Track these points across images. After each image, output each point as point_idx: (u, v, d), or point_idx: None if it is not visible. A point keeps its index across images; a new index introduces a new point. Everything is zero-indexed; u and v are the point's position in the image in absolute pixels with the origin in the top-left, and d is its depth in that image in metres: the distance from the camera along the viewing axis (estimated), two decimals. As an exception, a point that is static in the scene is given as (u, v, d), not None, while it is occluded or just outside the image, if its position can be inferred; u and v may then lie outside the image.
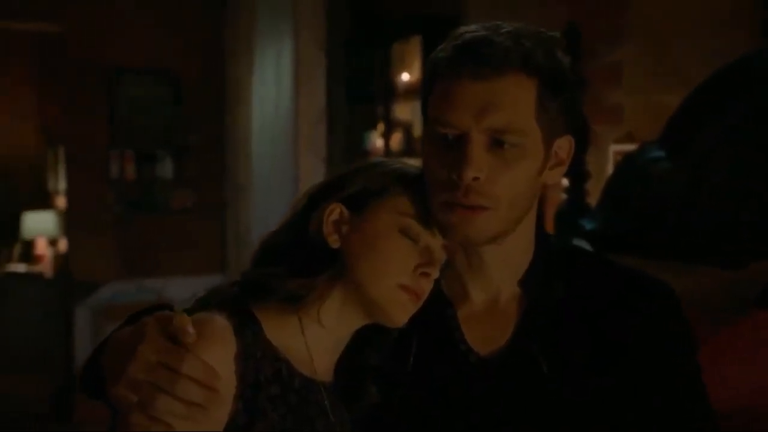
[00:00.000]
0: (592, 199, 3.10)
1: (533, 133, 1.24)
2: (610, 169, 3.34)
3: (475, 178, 1.21)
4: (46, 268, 6.97)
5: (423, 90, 1.31)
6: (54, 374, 6.13)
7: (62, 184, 6.86)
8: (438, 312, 1.34)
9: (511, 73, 1.21)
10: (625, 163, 2.90)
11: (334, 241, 1.27)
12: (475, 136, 1.22)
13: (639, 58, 3.41)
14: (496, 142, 1.22)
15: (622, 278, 1.33)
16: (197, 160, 6.25)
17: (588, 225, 2.90)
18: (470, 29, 1.25)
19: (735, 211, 2.44)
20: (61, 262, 6.73)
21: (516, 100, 1.22)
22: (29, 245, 7.18)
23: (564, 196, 3.12)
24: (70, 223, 6.25)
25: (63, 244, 6.81)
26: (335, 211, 1.29)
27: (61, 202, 7.03)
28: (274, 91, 5.63)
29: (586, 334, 1.28)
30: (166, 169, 6.19)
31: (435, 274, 1.29)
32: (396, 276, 1.25)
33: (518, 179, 1.24)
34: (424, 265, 1.26)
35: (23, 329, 6.52)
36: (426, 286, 1.28)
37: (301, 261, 1.27)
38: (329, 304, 1.27)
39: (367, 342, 1.33)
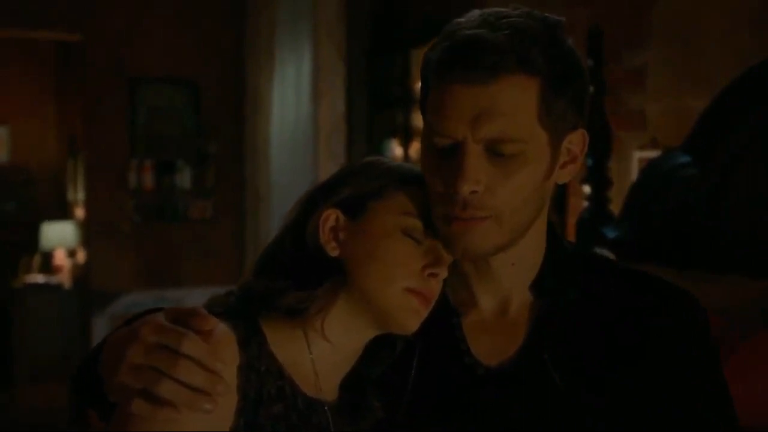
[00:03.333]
0: (615, 207, 3.01)
1: (536, 138, 1.14)
2: (634, 176, 3.25)
3: (473, 192, 1.12)
4: (64, 278, 6.96)
5: (420, 93, 1.22)
6: (72, 385, 6.10)
7: (82, 194, 6.85)
8: (442, 321, 1.25)
9: (508, 76, 1.11)
10: (650, 169, 2.81)
11: (332, 249, 1.19)
12: (470, 146, 1.12)
13: (663, 62, 3.32)
14: (494, 151, 1.13)
15: (640, 285, 1.24)
16: (216, 169, 6.21)
17: (610, 233, 2.81)
18: (465, 24, 1.15)
19: (760, 218, 2.36)
20: (80, 272, 6.72)
21: (515, 105, 1.11)
22: (48, 256, 7.17)
23: (585, 203, 3.02)
24: (88, 232, 6.23)
25: (81, 255, 6.79)
26: (331, 217, 1.20)
27: (80, 212, 7.01)
28: (294, 99, 5.58)
29: (602, 344, 1.19)
30: (184, 178, 6.16)
31: (443, 273, 1.20)
32: (402, 280, 1.16)
33: (521, 188, 1.14)
34: (431, 265, 1.18)
35: (42, 340, 6.51)
36: (435, 288, 1.20)
37: (301, 273, 1.19)
38: (333, 316, 1.19)
39: (370, 355, 1.25)
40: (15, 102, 7.60)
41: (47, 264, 7.16)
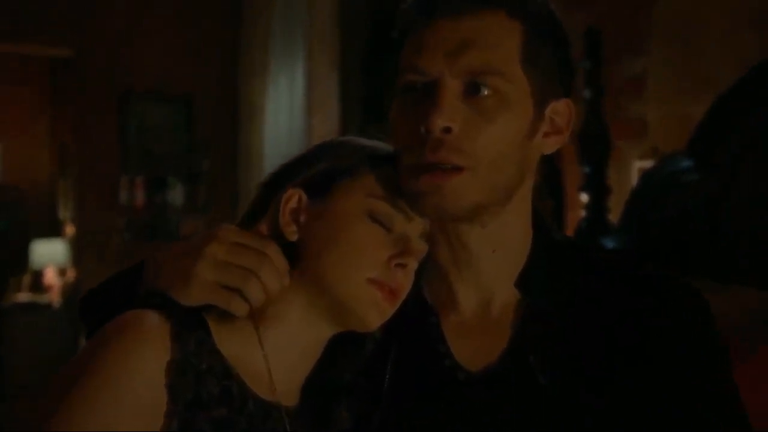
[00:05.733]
0: (614, 216, 2.89)
1: (517, 81, 1.05)
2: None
3: (447, 130, 1.02)
4: (54, 297, 6.85)
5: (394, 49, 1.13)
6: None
7: (72, 212, 6.76)
8: (419, 321, 1.13)
9: (490, 12, 1.05)
10: (649, 175, 2.70)
11: (291, 234, 1.08)
12: (447, 81, 1.04)
13: (663, 65, 3.23)
14: (473, 88, 1.04)
15: (640, 279, 1.12)
16: (209, 185, 6.11)
17: (609, 243, 2.69)
18: None
19: (763, 224, 2.25)
20: (70, 291, 6.61)
21: (496, 39, 1.05)
22: (38, 275, 7.05)
23: (583, 213, 2.91)
24: (79, 250, 6.13)
25: (72, 274, 6.69)
26: (293, 197, 1.09)
27: (71, 229, 6.92)
28: (288, 112, 5.49)
29: (595, 345, 1.08)
30: (176, 195, 6.06)
31: (413, 265, 1.08)
32: (365, 269, 1.05)
33: (500, 135, 1.04)
34: (399, 255, 1.06)
35: (31, 360, 6.41)
36: (403, 280, 1.07)
37: None
38: (289, 307, 1.07)
39: (338, 359, 1.13)
40: (8, 119, 7.51)
41: (37, 283, 7.04)
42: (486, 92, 1.04)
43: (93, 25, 5.81)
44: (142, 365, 0.95)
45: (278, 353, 1.07)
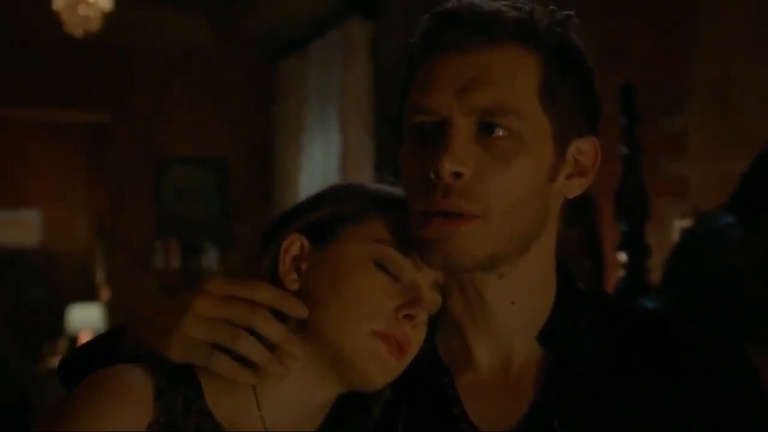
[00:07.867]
0: (655, 277, 2.79)
1: (535, 118, 0.96)
2: (675, 247, 3.04)
3: (458, 174, 0.93)
4: (90, 362, 6.81)
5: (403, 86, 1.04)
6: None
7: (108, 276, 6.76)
8: (432, 380, 1.04)
9: (504, 44, 0.96)
10: (691, 233, 2.60)
11: (291, 282, 1.00)
12: (457, 121, 0.95)
13: (703, 124, 3.15)
14: (486, 128, 0.95)
15: (679, 338, 1.03)
16: (244, 250, 6.10)
17: (650, 304, 2.58)
18: None
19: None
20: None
21: (510, 74, 0.96)
22: (74, 340, 7.02)
23: (623, 273, 2.81)
24: (112, 314, 6.11)
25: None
26: (294, 244, 1.01)
27: (106, 294, 6.90)
28: (322, 178, 5.49)
29: (628, 407, 0.97)
30: (211, 259, 6.05)
31: (423, 317, 0.99)
32: (369, 319, 0.96)
33: (516, 179, 0.95)
34: (407, 305, 0.97)
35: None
36: (412, 334, 0.98)
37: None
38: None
39: (344, 421, 1.04)
40: (48, 186, 7.58)
41: (73, 347, 7.01)
42: (500, 132, 0.95)
43: (129, 91, 5.89)
44: (118, 427, 0.89)
45: (277, 414, 0.98)
